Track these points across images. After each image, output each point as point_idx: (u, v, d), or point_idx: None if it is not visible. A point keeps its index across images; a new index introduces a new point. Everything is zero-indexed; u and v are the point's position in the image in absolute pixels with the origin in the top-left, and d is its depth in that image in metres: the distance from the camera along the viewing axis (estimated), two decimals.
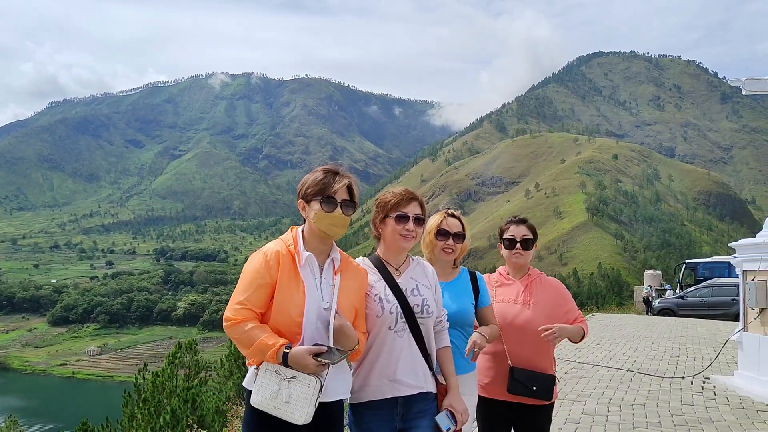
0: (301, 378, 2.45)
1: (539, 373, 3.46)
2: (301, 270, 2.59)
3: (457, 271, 3.38)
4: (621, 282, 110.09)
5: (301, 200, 2.71)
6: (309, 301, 2.54)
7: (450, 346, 2.99)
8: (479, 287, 3.34)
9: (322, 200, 2.62)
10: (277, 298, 2.53)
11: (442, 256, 3.28)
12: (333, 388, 2.58)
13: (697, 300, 24.01)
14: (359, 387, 2.77)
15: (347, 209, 2.66)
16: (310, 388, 2.45)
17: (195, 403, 11.54)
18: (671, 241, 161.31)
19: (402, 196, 2.90)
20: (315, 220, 2.64)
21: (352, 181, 2.73)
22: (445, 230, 3.27)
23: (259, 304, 2.52)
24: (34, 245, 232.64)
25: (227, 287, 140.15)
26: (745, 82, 8.74)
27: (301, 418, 2.43)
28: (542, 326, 3.32)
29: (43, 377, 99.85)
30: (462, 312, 3.21)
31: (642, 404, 7.59)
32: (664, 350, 12.60)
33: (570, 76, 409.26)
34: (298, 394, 2.44)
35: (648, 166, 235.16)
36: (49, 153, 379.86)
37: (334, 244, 2.76)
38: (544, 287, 3.62)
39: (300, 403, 2.44)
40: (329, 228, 2.63)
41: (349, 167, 2.55)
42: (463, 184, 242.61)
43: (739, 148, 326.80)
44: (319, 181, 2.66)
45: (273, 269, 2.55)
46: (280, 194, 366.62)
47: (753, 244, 8.43)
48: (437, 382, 2.90)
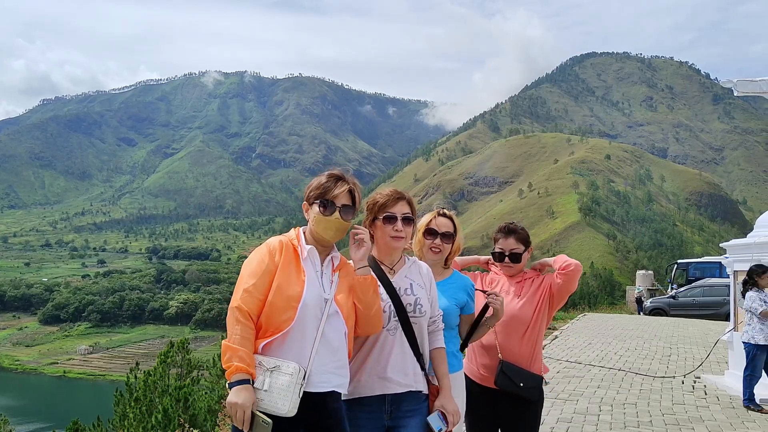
0: (283, 367, 2.44)
1: (527, 371, 3.47)
2: (303, 261, 2.63)
3: (448, 272, 3.35)
4: (613, 282, 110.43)
5: (305, 202, 2.76)
6: (309, 288, 2.56)
7: (444, 347, 2.98)
8: (469, 295, 3.30)
9: (320, 204, 2.66)
10: (276, 282, 2.55)
11: (430, 255, 3.27)
12: (322, 378, 2.54)
13: (688, 300, 24.14)
14: (350, 383, 2.74)
15: (346, 214, 2.68)
16: (293, 376, 2.43)
17: (187, 403, 11.51)
18: (663, 242, 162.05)
19: (389, 196, 2.89)
20: (314, 222, 2.68)
21: (355, 186, 2.73)
22: (433, 229, 3.25)
23: (264, 290, 2.53)
24: (26, 243, 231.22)
25: (220, 286, 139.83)
26: (736, 84, 8.79)
27: (285, 407, 2.40)
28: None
29: (34, 376, 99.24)
30: (446, 313, 3.17)
31: (633, 403, 7.63)
32: (656, 350, 12.66)
33: (563, 76, 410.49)
34: (280, 383, 2.42)
35: (640, 166, 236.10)
36: (40, 151, 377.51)
37: (334, 245, 2.80)
38: (537, 281, 3.61)
39: (282, 393, 2.41)
40: (325, 231, 2.67)
41: (342, 167, 2.68)
42: (456, 183, 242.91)
43: (731, 149, 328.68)
44: (322, 185, 2.69)
45: (276, 256, 2.60)
46: (273, 193, 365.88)
47: (743, 244, 8.49)
48: (429, 383, 2.89)
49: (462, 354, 3.37)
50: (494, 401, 3.52)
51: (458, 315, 3.26)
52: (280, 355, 2.49)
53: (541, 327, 3.58)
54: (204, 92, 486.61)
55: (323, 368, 2.54)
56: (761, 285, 7.37)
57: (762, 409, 7.21)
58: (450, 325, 3.20)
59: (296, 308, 2.51)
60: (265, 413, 2.42)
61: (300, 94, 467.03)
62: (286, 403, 2.40)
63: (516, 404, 3.49)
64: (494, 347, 3.50)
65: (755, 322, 7.30)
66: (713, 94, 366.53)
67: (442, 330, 3.01)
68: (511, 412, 3.51)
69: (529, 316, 3.50)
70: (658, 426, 6.58)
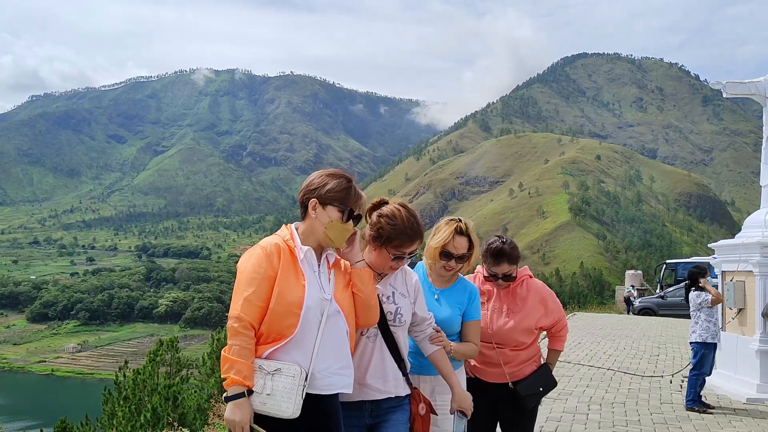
0: (284, 369, 2.41)
1: (536, 374, 3.50)
2: (300, 263, 2.56)
3: (455, 278, 3.30)
4: (602, 282, 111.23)
5: (315, 199, 2.60)
6: (309, 291, 2.50)
7: (440, 347, 2.99)
8: (472, 300, 3.26)
9: (344, 210, 2.59)
10: (277, 289, 2.47)
11: (442, 272, 3.21)
12: (326, 380, 2.51)
13: (677, 300, 24.28)
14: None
15: (356, 223, 2.68)
16: (295, 378, 2.40)
17: (176, 401, 11.46)
18: (652, 242, 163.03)
19: (405, 235, 2.76)
20: (328, 226, 2.58)
21: (364, 197, 2.70)
22: (449, 252, 3.15)
23: (264, 297, 2.46)
24: (13, 241, 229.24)
25: (210, 284, 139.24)
26: (726, 85, 8.84)
27: (289, 410, 2.38)
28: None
29: (22, 374, 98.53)
30: (450, 320, 3.16)
31: (622, 402, 7.67)
32: (644, 349, 12.75)
33: (554, 76, 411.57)
34: (282, 386, 2.39)
35: (630, 167, 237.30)
36: (29, 147, 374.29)
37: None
38: (528, 290, 3.58)
39: (285, 395, 2.38)
40: (338, 238, 2.62)
41: (334, 165, 2.61)
42: (447, 183, 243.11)
43: (720, 150, 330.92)
44: (344, 189, 2.60)
45: (275, 261, 2.51)
46: (264, 191, 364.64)
47: (732, 245, 8.55)
48: (411, 387, 2.88)
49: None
50: (495, 398, 3.52)
51: (460, 323, 3.22)
52: (281, 359, 2.45)
53: (537, 333, 3.63)
54: (194, 90, 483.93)
55: (327, 370, 2.51)
56: (703, 286, 7.52)
57: (707, 409, 7.24)
58: (452, 333, 3.17)
59: (299, 315, 2.46)
60: (268, 417, 2.41)
61: (291, 92, 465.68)
62: (289, 405, 2.37)
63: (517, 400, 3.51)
64: (498, 364, 3.48)
65: (702, 321, 7.43)
66: (703, 96, 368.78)
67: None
68: (512, 407, 3.53)
69: (519, 331, 3.51)
70: (647, 425, 6.63)
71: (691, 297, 7.59)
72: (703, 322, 7.43)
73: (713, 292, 7.46)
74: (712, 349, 7.44)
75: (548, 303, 3.61)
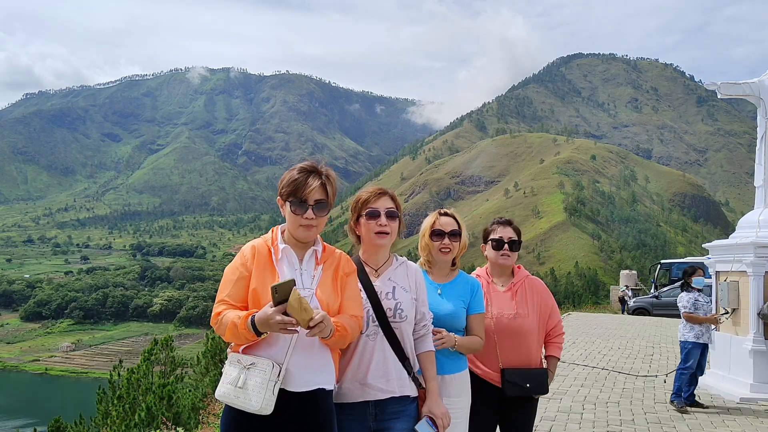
0: (259, 363, 2.40)
1: (531, 370, 3.48)
2: (277, 263, 2.57)
3: (455, 272, 3.29)
4: (597, 281, 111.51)
5: (279, 198, 2.65)
6: None
7: (433, 350, 2.89)
8: (474, 293, 3.24)
9: (292, 203, 2.56)
10: (251, 288, 2.50)
11: (440, 257, 3.20)
12: (302, 376, 2.47)
13: (671, 300, 24.34)
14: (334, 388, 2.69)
15: (320, 211, 2.58)
16: (266, 372, 2.37)
17: (171, 400, 11.44)
18: (647, 242, 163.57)
19: (371, 193, 2.84)
20: (288, 222, 2.62)
21: (328, 179, 2.63)
22: (439, 230, 3.19)
23: (239, 298, 2.50)
24: (7, 239, 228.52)
25: (204, 283, 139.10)
26: (720, 86, 8.86)
27: (257, 404, 2.34)
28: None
29: (16, 373, 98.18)
30: (454, 315, 3.13)
31: (616, 402, 7.69)
32: (639, 349, 12.78)
33: (550, 76, 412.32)
34: (255, 380, 2.37)
35: (625, 167, 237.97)
36: (23, 146, 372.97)
37: (318, 237, 2.70)
38: (531, 291, 3.60)
39: (256, 390, 2.36)
40: (298, 230, 2.59)
41: (329, 165, 2.56)
42: (443, 182, 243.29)
43: (714, 150, 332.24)
44: (293, 181, 2.58)
45: (249, 262, 2.55)
46: (259, 190, 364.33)
47: (726, 245, 8.58)
48: (419, 386, 2.80)
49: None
50: (497, 398, 3.50)
51: (465, 317, 3.19)
52: (258, 354, 2.45)
53: (541, 332, 3.62)
54: (190, 88, 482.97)
55: (305, 368, 2.48)
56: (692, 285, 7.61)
57: (685, 407, 7.28)
58: (457, 328, 3.15)
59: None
60: (239, 411, 2.41)
61: (287, 91, 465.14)
62: (258, 400, 2.34)
63: (518, 399, 3.50)
64: (494, 351, 3.47)
65: (686, 321, 7.52)
66: (697, 96, 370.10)
67: (431, 333, 2.93)
68: (512, 407, 3.52)
69: (530, 328, 3.52)
70: (641, 424, 6.65)
71: (679, 298, 7.74)
72: (686, 322, 7.56)
73: (698, 318, 7.47)
74: (700, 347, 7.48)
75: (551, 302, 3.66)
